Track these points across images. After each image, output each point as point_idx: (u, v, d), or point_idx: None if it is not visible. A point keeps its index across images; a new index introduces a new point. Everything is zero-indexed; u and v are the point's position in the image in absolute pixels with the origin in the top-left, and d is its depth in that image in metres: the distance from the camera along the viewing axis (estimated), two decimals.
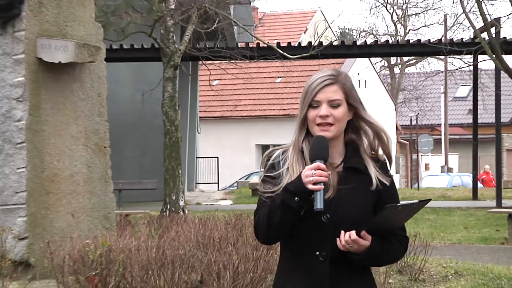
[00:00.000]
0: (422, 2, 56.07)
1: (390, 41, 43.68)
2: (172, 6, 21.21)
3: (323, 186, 3.22)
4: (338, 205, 3.31)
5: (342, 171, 3.41)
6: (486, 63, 29.01)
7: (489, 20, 26.76)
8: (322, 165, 3.23)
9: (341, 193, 3.35)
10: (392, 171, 3.80)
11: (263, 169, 3.56)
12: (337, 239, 3.24)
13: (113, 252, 10.61)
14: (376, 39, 47.19)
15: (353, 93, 3.46)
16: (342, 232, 3.23)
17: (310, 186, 3.20)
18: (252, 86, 51.16)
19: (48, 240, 11.58)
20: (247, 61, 27.70)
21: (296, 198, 3.24)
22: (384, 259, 3.44)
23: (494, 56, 25.22)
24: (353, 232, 3.19)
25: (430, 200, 3.56)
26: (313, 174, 3.20)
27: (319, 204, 3.19)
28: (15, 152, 12.27)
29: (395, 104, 58.34)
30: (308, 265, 3.36)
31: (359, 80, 50.34)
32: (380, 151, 3.61)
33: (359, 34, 56.48)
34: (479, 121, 30.32)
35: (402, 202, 3.27)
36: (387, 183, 3.41)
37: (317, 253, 3.33)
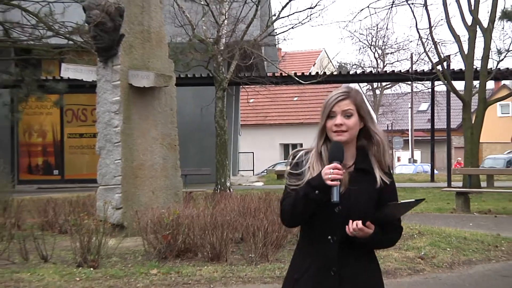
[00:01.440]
0: (395, 44, 55.80)
1: (373, 72, 43.33)
2: (221, 47, 21.15)
3: (339, 183, 3.12)
4: (348, 199, 3.18)
5: (353, 171, 3.28)
6: (440, 87, 28.72)
7: (442, 57, 26.63)
8: (339, 165, 3.13)
9: (351, 189, 3.21)
10: None
11: (289, 166, 3.41)
12: (346, 226, 3.13)
13: (181, 218, 10.62)
14: (363, 70, 46.95)
15: (363, 106, 3.34)
16: (350, 221, 3.12)
17: (329, 182, 3.10)
18: (277, 103, 51.06)
19: (136, 209, 11.66)
20: (273, 85, 27.59)
21: (317, 191, 3.14)
22: (383, 244, 3.37)
23: (446, 82, 25.09)
24: (359, 222, 3.09)
25: (424, 199, 3.52)
26: (331, 172, 3.10)
27: (335, 197, 3.11)
28: (113, 149, 12.37)
29: (376, 115, 58.27)
30: (321, 247, 3.23)
31: None
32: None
33: (351, 66, 56.20)
34: (435, 127, 30.07)
35: (402, 201, 3.19)
36: (388, 183, 3.32)
37: (329, 237, 3.21)
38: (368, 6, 28.98)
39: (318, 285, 3.19)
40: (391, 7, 27.11)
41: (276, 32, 24.94)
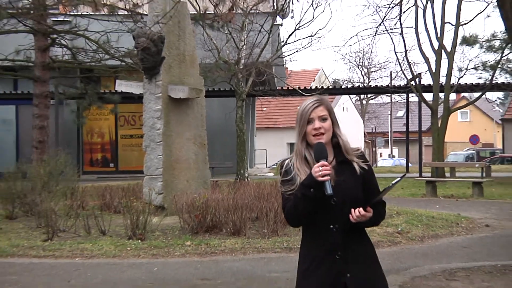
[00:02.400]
0: (378, 64, 55.69)
1: (360, 86, 43.17)
2: (241, 67, 21.11)
3: (329, 177, 2.95)
4: (340, 189, 3.01)
5: (336, 165, 3.11)
6: (413, 98, 28.60)
7: (415, 74, 26.55)
8: (326, 163, 2.98)
9: (339, 180, 3.05)
10: None
11: (280, 176, 3.25)
12: (350, 215, 2.97)
13: (209, 201, 10.62)
14: (353, 85, 46.76)
15: (332, 111, 3.19)
16: (352, 210, 2.96)
17: (320, 178, 2.93)
18: (285, 110, 50.90)
19: (174, 194, 11.64)
20: (281, 96, 27.52)
21: (311, 189, 2.97)
22: (378, 221, 3.19)
23: (417, 94, 25.02)
24: (361, 209, 2.94)
25: (405, 175, 3.58)
26: (320, 170, 2.94)
27: (329, 190, 2.94)
28: (156, 146, 12.36)
29: (363, 120, 58.04)
30: (325, 235, 3.05)
31: (343, 107, 50.36)
32: (357, 146, 3.37)
33: (343, 82, 55.93)
34: (409, 129, 29.90)
35: (392, 182, 3.07)
36: (366, 167, 3.17)
37: (331, 226, 3.03)
38: (356, 35, 28.96)
39: (326, 269, 3.04)
40: (375, 35, 26.92)
41: (284, 55, 24.87)
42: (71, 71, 22.99)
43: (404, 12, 25.67)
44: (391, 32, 26.73)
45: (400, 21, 25.42)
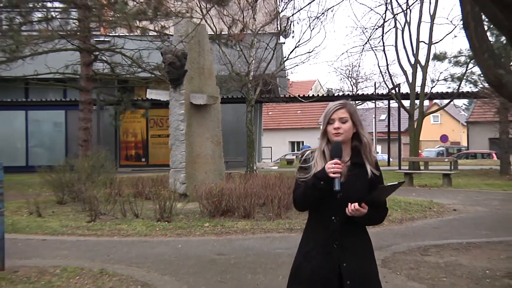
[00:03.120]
0: (364, 76, 55.44)
1: (350, 94, 43.04)
2: (250, 78, 21.08)
3: (340, 175, 2.82)
4: (347, 187, 2.86)
5: (350, 165, 2.96)
6: (394, 104, 28.49)
7: (395, 84, 26.48)
8: (339, 161, 2.84)
9: (348, 179, 2.90)
10: None
11: (299, 162, 3.09)
12: (346, 208, 2.83)
13: (224, 190, 10.63)
14: (343, 93, 46.49)
15: (355, 115, 3.01)
16: (349, 204, 2.82)
17: (331, 175, 2.81)
18: (287, 114, 50.94)
19: (195, 184, 11.66)
20: (284, 103, 27.53)
21: (322, 182, 2.84)
22: (374, 221, 3.02)
23: (397, 101, 24.96)
24: (356, 204, 2.80)
25: (404, 182, 3.20)
26: (333, 167, 2.81)
27: (337, 186, 2.81)
28: (180, 144, 12.37)
29: None
30: (326, 224, 2.91)
31: None
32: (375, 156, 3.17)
33: (335, 91, 55.69)
34: (390, 130, 29.81)
35: (388, 184, 2.89)
36: (377, 174, 2.99)
37: (333, 217, 2.89)
38: (346, 51, 28.79)
39: (325, 255, 2.88)
40: (361, 51, 27.06)
41: (286, 68, 24.85)
42: (110, 82, 23.05)
43: (386, 33, 25.66)
44: (375, 49, 26.79)
45: (382, 40, 25.57)
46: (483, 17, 7.40)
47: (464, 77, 25.62)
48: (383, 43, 26.54)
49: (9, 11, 18.51)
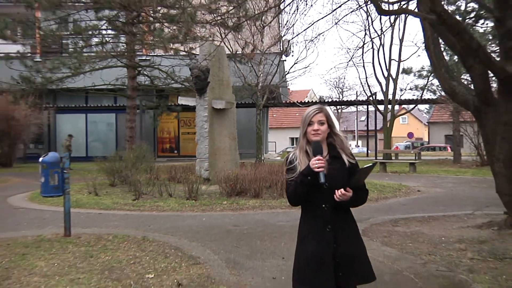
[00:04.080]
0: (349, 85, 55.55)
1: (337, 100, 42.85)
2: (259, 88, 20.99)
3: (323, 169, 2.63)
4: (330, 178, 2.65)
5: (329, 159, 2.74)
6: (371, 108, 28.35)
7: (372, 92, 26.42)
8: (321, 157, 2.64)
9: (330, 171, 2.68)
10: None
11: (285, 166, 2.86)
12: (334, 195, 2.63)
13: (238, 175, 10.63)
14: (332, 99, 46.28)
15: (330, 117, 2.80)
16: (336, 191, 2.62)
17: (316, 169, 2.61)
18: (288, 116, 50.80)
19: (216, 171, 11.68)
20: (286, 107, 27.48)
21: (309, 177, 2.65)
22: (359, 202, 2.76)
23: (374, 105, 24.87)
24: (342, 190, 2.61)
25: (376, 163, 2.92)
26: (317, 163, 2.62)
27: (322, 179, 2.61)
28: (204, 140, 12.36)
29: (339, 123, 57.59)
30: (318, 212, 2.70)
31: None
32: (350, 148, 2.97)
33: (326, 97, 55.49)
34: (369, 129, 29.69)
35: (363, 167, 2.69)
36: (353, 162, 2.79)
37: (323, 205, 2.68)
38: (334, 67, 28.51)
39: (319, 238, 2.68)
40: (346, 67, 26.92)
41: (287, 80, 24.75)
42: (150, 91, 23.04)
43: (365, 52, 26.15)
44: (357, 65, 27.09)
45: (362, 58, 26.16)
46: (440, 40, 7.40)
47: (426, 87, 25.75)
48: (363, 60, 27.24)
49: (74, 37, 18.78)
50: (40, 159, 6.78)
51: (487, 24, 15.07)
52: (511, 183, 6.50)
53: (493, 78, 6.72)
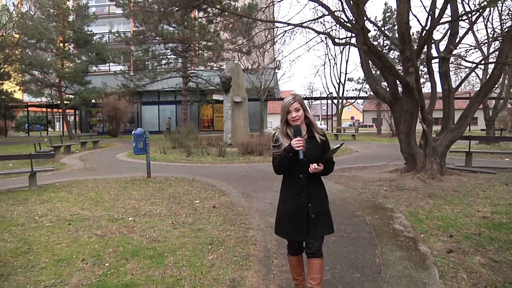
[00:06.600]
0: (317, 87, 54.65)
1: (309, 96, 42.03)
2: (262, 89, 20.58)
3: (302, 147, 2.16)
4: (307, 154, 2.20)
5: (307, 138, 2.25)
6: (329, 101, 27.73)
7: (330, 92, 25.95)
8: (300, 138, 2.17)
9: (307, 148, 2.21)
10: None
11: (272, 142, 2.35)
12: (309, 168, 2.19)
13: (249, 142, 10.52)
14: (305, 96, 45.46)
15: (303, 103, 2.25)
16: (311, 164, 2.18)
17: (296, 148, 2.15)
18: (279, 106, 50.09)
19: (235, 139, 11.60)
20: (278, 100, 26.98)
21: (290, 154, 2.18)
22: (328, 172, 2.27)
23: (331, 100, 24.36)
24: (315, 164, 2.18)
25: (344, 143, 2.39)
26: (297, 143, 2.15)
27: (301, 156, 2.15)
28: (228, 121, 12.16)
29: (310, 111, 56.36)
30: (296, 180, 2.24)
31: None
32: (322, 129, 2.53)
33: (302, 94, 54.46)
34: (328, 114, 29.17)
35: (334, 147, 2.19)
36: (324, 140, 2.28)
37: (300, 175, 2.22)
38: (307, 76, 27.45)
39: (296, 201, 2.24)
40: (315, 76, 26.20)
41: (278, 84, 24.27)
42: (196, 91, 22.76)
43: (326, 68, 25.21)
44: (321, 75, 26.58)
45: (324, 71, 25.57)
46: (369, 61, 7.37)
47: (361, 89, 25.47)
48: (324, 73, 27.03)
49: (151, 60, 19.32)
50: (133, 132, 6.84)
51: (394, 52, 15.09)
52: (408, 146, 6.66)
53: (399, 84, 6.78)
